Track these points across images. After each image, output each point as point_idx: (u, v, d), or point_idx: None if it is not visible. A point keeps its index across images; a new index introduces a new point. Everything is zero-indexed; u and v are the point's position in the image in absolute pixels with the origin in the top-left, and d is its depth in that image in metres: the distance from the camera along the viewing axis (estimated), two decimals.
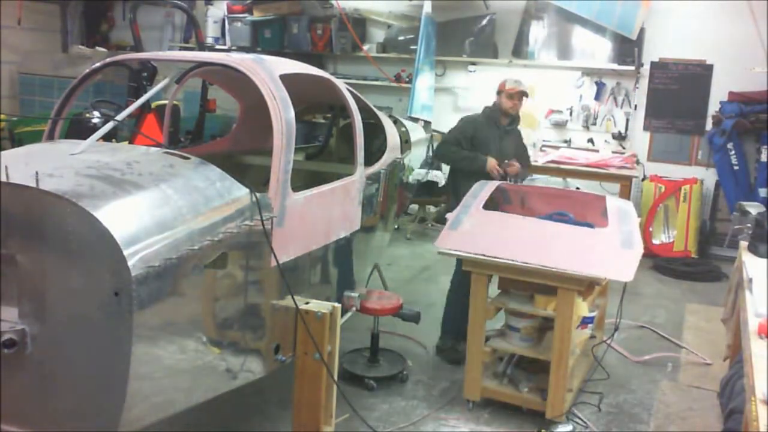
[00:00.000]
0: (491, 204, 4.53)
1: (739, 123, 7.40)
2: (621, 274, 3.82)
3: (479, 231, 4.14)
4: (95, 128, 4.26)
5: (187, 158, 3.10)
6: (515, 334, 4.19)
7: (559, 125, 8.40)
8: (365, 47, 9.08)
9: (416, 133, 6.25)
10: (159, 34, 10.38)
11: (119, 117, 4.06)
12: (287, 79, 3.55)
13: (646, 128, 8.09)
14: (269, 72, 3.51)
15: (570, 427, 3.93)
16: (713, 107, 7.71)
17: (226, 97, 5.71)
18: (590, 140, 8.23)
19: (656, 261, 7.34)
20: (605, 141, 8.20)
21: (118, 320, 2.46)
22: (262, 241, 3.12)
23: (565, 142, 8.34)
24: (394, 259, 7.00)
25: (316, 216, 3.64)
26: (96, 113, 6.05)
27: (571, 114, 8.36)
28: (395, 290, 5.00)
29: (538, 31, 8.40)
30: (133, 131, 5.38)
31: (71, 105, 3.79)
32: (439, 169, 7.94)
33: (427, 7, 8.06)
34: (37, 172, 2.47)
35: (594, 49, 8.15)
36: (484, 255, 3.98)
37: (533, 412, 4.06)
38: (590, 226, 4.23)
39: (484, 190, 4.66)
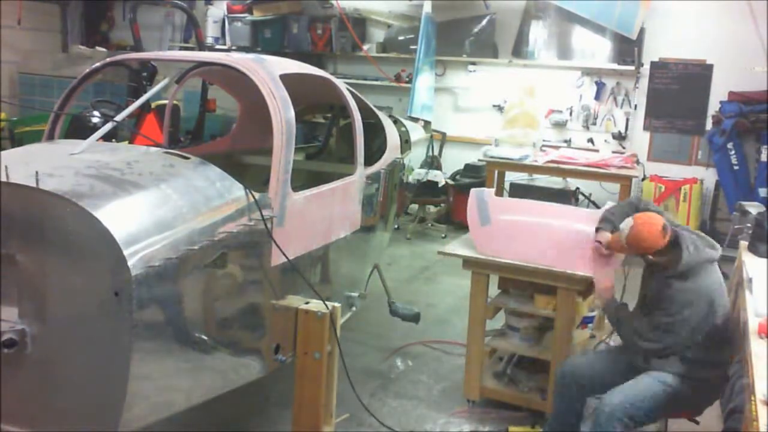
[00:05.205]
0: None
1: (739, 123, 7.39)
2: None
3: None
4: (95, 128, 4.26)
5: (187, 158, 3.10)
6: (515, 334, 4.18)
7: (559, 125, 8.39)
8: (365, 47, 9.08)
9: (416, 133, 6.26)
10: (159, 34, 10.38)
11: (119, 117, 4.06)
12: (287, 79, 3.55)
13: (646, 128, 8.09)
14: (269, 72, 3.51)
15: None
16: (713, 107, 7.70)
17: (226, 97, 5.71)
18: (590, 140, 8.23)
19: None
20: (605, 141, 8.19)
21: (118, 320, 2.46)
22: (261, 240, 3.12)
23: (565, 142, 8.33)
24: (394, 259, 6.99)
25: (316, 216, 3.64)
26: (96, 113, 6.04)
27: (571, 114, 8.35)
28: (395, 290, 4.98)
29: (538, 31, 8.39)
30: (133, 131, 5.38)
31: (71, 104, 3.79)
32: (438, 168, 7.94)
33: (427, 7, 8.05)
34: (37, 172, 2.47)
35: (594, 49, 8.15)
36: (484, 255, 3.97)
37: (533, 411, 4.06)
38: None
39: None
